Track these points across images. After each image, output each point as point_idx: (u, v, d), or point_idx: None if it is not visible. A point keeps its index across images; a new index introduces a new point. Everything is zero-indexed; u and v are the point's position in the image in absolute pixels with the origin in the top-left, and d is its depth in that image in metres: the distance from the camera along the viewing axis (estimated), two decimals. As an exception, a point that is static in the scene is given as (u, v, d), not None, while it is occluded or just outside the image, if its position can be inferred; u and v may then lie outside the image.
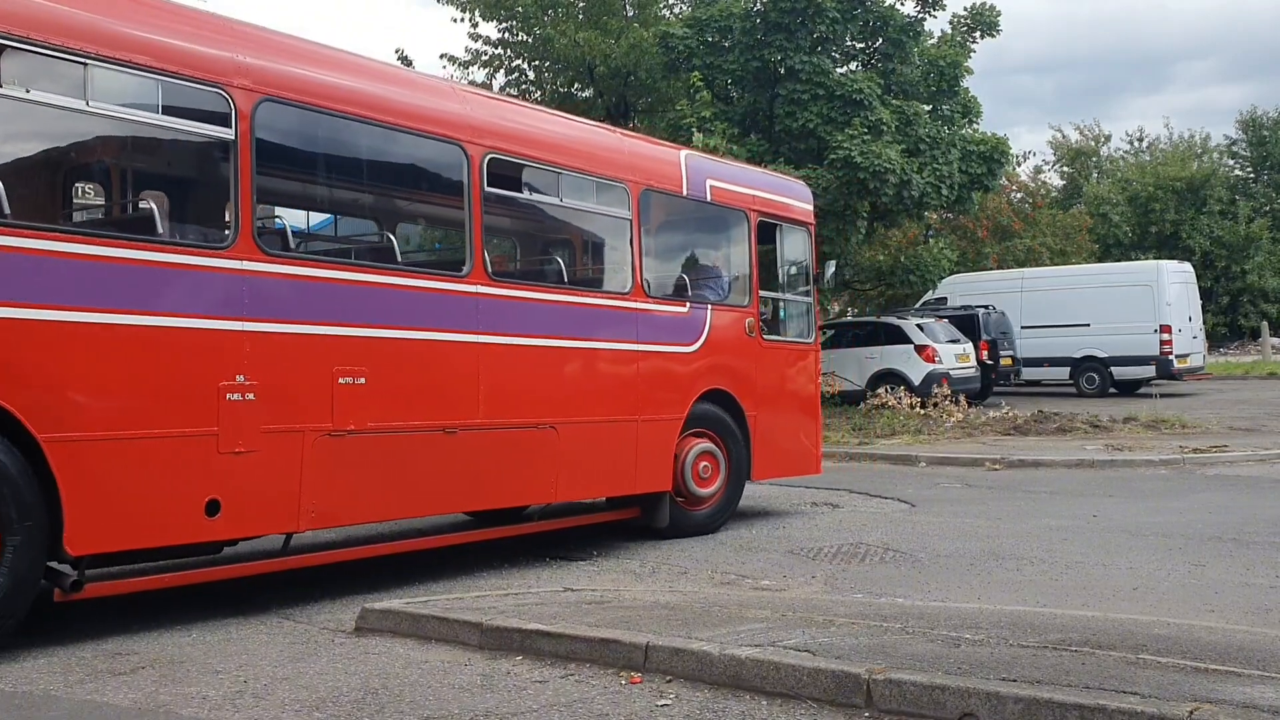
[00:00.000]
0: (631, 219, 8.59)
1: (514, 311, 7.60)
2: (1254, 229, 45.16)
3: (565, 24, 22.00)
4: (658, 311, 8.77)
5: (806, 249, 10.64)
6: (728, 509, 9.39)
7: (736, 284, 9.84)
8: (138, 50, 5.74)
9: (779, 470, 10.28)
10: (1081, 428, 16.95)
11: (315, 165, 7.40)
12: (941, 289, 25.35)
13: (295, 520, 6.30)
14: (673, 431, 8.81)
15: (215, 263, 5.98)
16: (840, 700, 4.21)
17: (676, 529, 8.93)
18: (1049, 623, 5.26)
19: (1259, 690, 3.92)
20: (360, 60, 7.11)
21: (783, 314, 10.80)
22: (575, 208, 8.63)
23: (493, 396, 7.37)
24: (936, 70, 20.74)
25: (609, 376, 8.33)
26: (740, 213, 9.77)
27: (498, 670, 4.92)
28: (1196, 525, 9.24)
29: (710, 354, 9.19)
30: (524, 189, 8.20)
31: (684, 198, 9.21)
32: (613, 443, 8.32)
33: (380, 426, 6.67)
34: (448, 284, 7.26)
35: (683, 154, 9.45)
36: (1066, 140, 55.17)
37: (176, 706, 4.48)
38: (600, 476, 8.32)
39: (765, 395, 9.76)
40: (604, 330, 8.32)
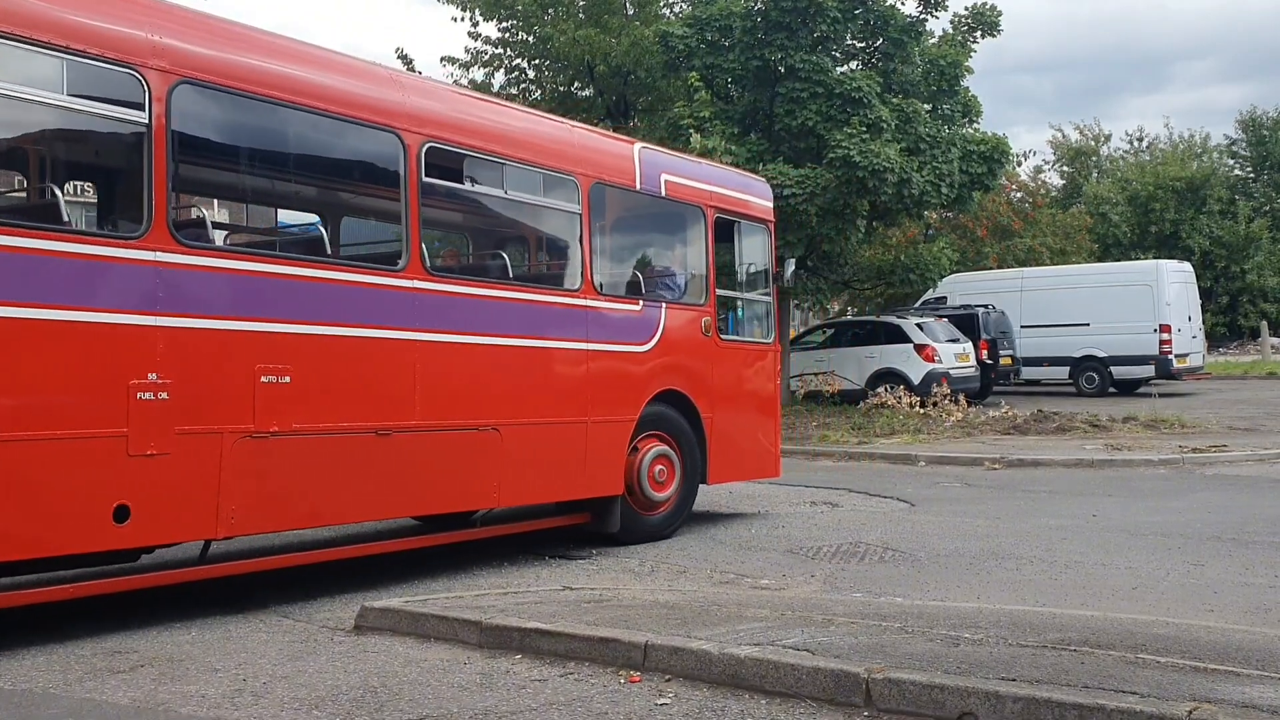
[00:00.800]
0: (581, 213, 8.31)
1: (454, 308, 7.30)
2: (1254, 229, 45.16)
3: (565, 23, 21.99)
4: (609, 309, 8.49)
5: (766, 247, 10.40)
6: (681, 513, 9.14)
7: (692, 282, 9.61)
8: (41, 27, 5.38)
9: (737, 473, 10.06)
10: (1081, 427, 16.95)
11: (238, 153, 7.08)
12: (941, 288, 25.35)
13: (213, 527, 5.97)
14: (624, 433, 8.54)
15: (126, 253, 5.65)
16: (839, 699, 4.21)
17: (629, 534, 8.64)
18: (1048, 622, 5.26)
19: (1258, 690, 3.92)
20: (289, 43, 6.76)
21: (741, 313, 10.64)
22: (521, 201, 8.34)
23: (430, 396, 7.07)
24: (937, 69, 20.73)
25: (557, 376, 8.04)
26: (697, 209, 9.51)
27: (497, 669, 4.92)
28: (1196, 525, 9.24)
29: (664, 354, 8.92)
30: (465, 180, 7.88)
31: (637, 192, 8.93)
32: (560, 445, 8.04)
33: (306, 428, 6.36)
34: (382, 278, 6.94)
35: (636, 147, 9.15)
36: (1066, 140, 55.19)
37: (175, 705, 4.48)
38: (547, 480, 8.02)
39: (722, 396, 9.50)
40: (551, 328, 8.01)
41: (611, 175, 8.64)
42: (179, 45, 5.93)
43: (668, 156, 9.70)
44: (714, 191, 9.70)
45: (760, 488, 12.33)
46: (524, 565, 7.87)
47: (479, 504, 7.80)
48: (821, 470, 14.17)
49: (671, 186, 9.20)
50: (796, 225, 18.85)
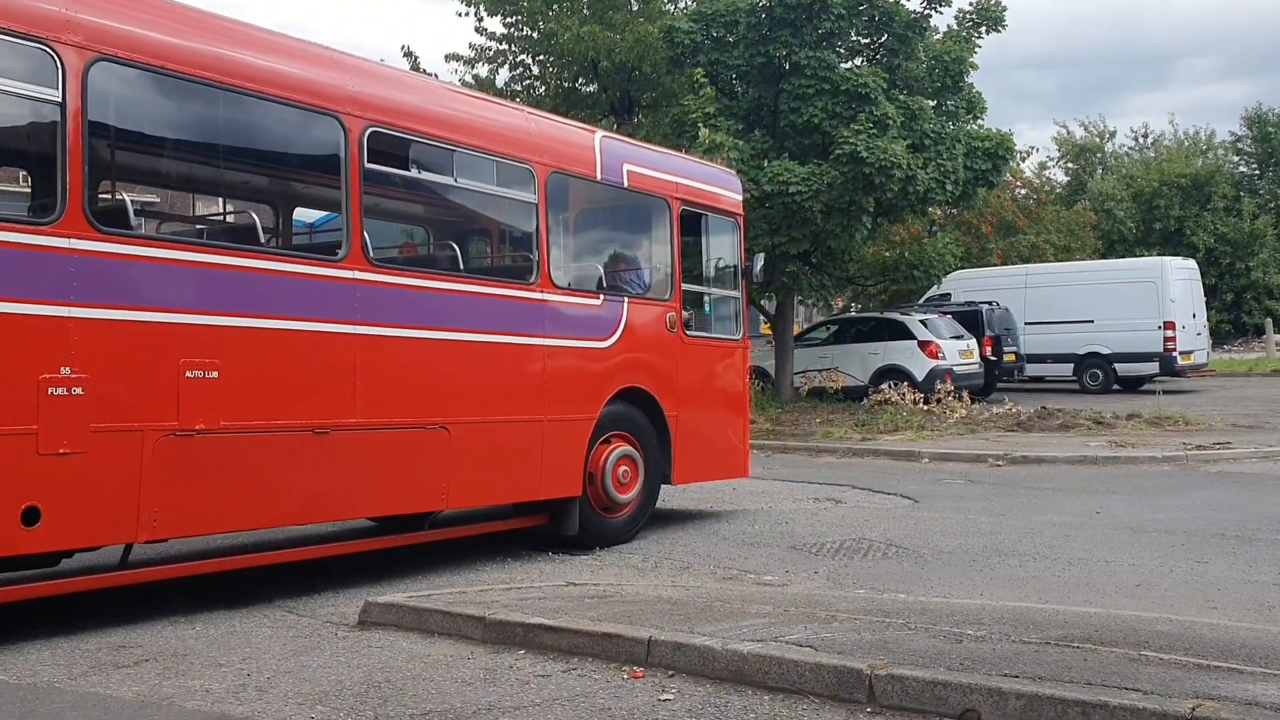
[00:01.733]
0: (537, 203, 7.98)
1: (399, 300, 6.96)
2: (1258, 225, 45.05)
3: (570, 19, 21.98)
4: (567, 304, 8.18)
5: (735, 241, 10.11)
6: (644, 514, 8.83)
7: (656, 276, 9.32)
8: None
9: (703, 473, 9.78)
10: (1085, 424, 16.93)
11: (164, 136, 6.62)
12: (945, 285, 25.31)
13: (134, 530, 5.65)
14: (583, 432, 8.23)
15: (36, 239, 5.32)
16: (842, 696, 4.22)
17: (591, 537, 8.33)
18: (1051, 619, 5.26)
19: (1261, 687, 3.92)
20: (220, 21, 6.37)
21: (708, 309, 10.26)
22: (473, 189, 7.98)
23: (372, 393, 6.74)
24: (941, 66, 20.69)
25: (511, 373, 7.71)
26: (661, 201, 9.18)
27: (500, 664, 4.93)
28: (1199, 522, 9.23)
29: (626, 350, 8.62)
30: (412, 167, 7.56)
31: (598, 183, 8.61)
32: (514, 445, 7.71)
33: (236, 426, 6.02)
34: (319, 269, 6.59)
35: (597, 136, 8.85)
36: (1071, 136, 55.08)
37: (180, 699, 4.49)
38: (500, 481, 7.69)
39: (688, 394, 9.21)
40: (505, 322, 7.69)
41: (571, 165, 8.33)
42: (96, 20, 5.61)
43: (631, 146, 9.43)
44: (679, 183, 9.38)
45: (764, 484, 12.33)
46: (527, 561, 7.88)
47: (426, 506, 7.43)
48: (825, 467, 14.18)
49: (635, 177, 8.90)
50: (801, 222, 18.84)
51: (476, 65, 23.80)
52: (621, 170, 8.78)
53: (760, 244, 19.00)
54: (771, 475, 13.22)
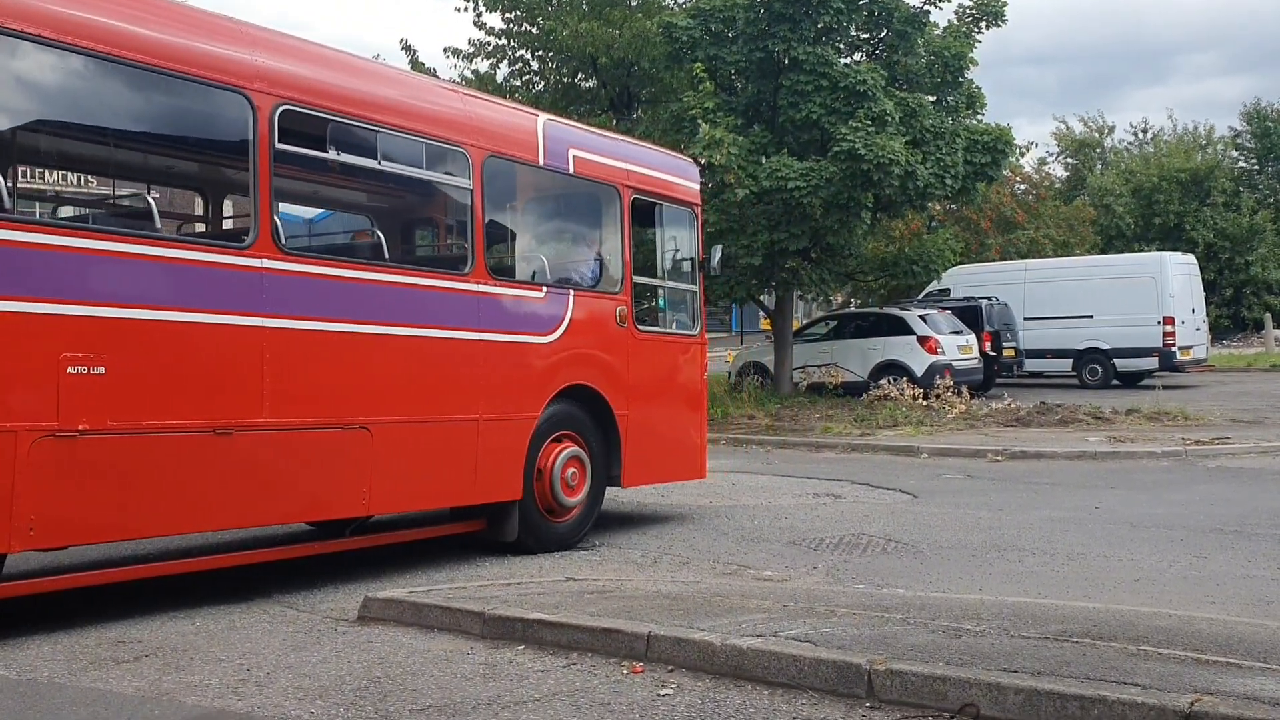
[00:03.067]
0: (472, 189, 7.51)
1: (313, 291, 6.52)
2: (1258, 221, 44.98)
3: (569, 15, 21.95)
4: (506, 295, 7.74)
5: (691, 232, 9.71)
6: (590, 518, 8.41)
7: (605, 268, 8.88)
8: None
9: (656, 475, 9.45)
10: (1084, 419, 16.93)
11: (50, 112, 6.10)
12: (944, 280, 25.30)
13: (6, 539, 5.21)
14: (523, 433, 7.79)
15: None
16: (841, 691, 4.23)
17: (535, 542, 7.94)
18: (1050, 614, 5.26)
19: (1260, 682, 3.92)
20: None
21: (662, 303, 9.92)
22: (399, 173, 7.46)
23: (283, 391, 6.29)
24: (941, 61, 20.67)
25: (441, 369, 7.28)
26: (611, 188, 8.73)
27: (500, 659, 4.93)
28: (1198, 517, 9.24)
29: (571, 345, 8.19)
30: (330, 148, 6.96)
31: (540, 168, 8.17)
32: (445, 446, 7.29)
33: (125, 426, 5.57)
34: (222, 256, 6.16)
35: (541, 119, 8.41)
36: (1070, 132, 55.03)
37: (180, 694, 4.50)
38: (429, 485, 7.25)
39: (639, 392, 8.78)
40: (435, 315, 7.25)
41: (510, 148, 7.89)
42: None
43: (577, 131, 9.00)
44: (631, 170, 8.92)
45: (763, 479, 12.35)
46: (527, 557, 7.88)
47: (344, 512, 6.92)
48: (824, 462, 14.18)
49: (581, 163, 8.46)
50: (801, 218, 18.84)
51: (475, 60, 23.78)
52: (567, 155, 8.36)
53: (760, 239, 19.04)
54: (771, 470, 13.23)
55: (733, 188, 18.01)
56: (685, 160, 10.27)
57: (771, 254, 19.55)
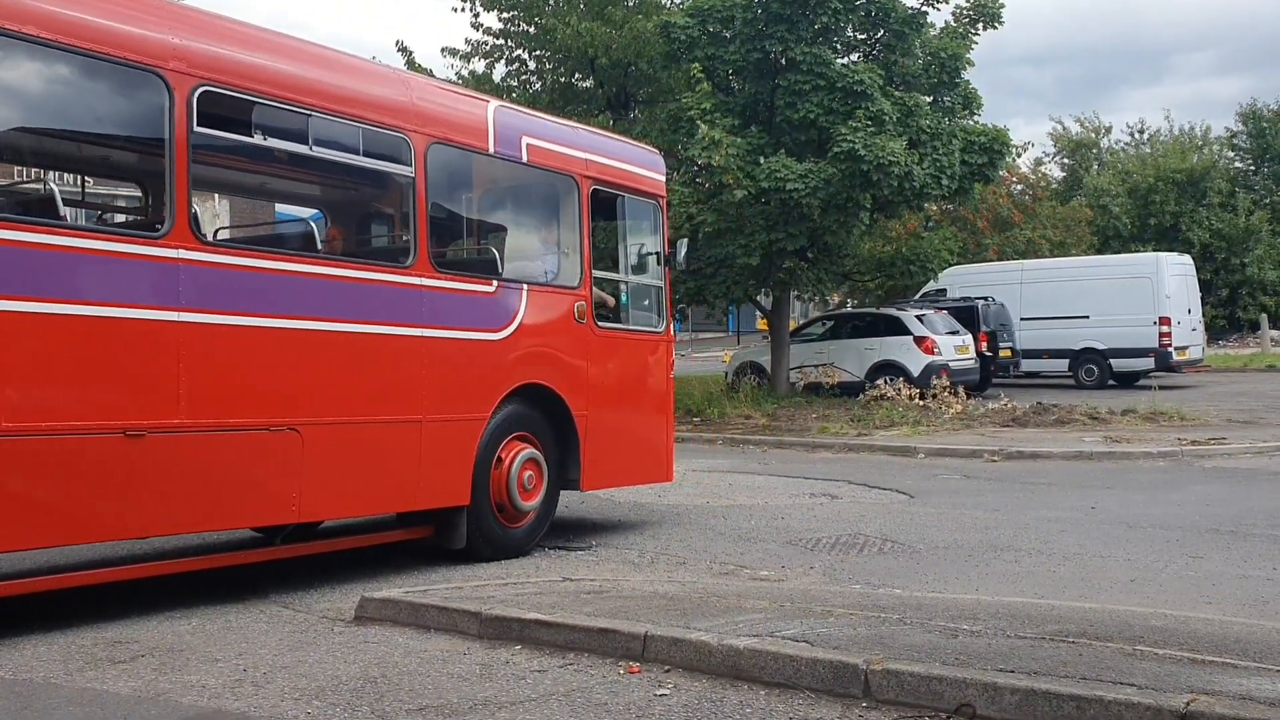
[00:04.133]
0: (415, 177, 7.12)
1: (237, 284, 6.13)
2: (1254, 221, 45.06)
3: (567, 14, 21.95)
4: (453, 290, 7.35)
5: (656, 225, 9.26)
6: (545, 523, 8.09)
7: (562, 262, 8.47)
8: None
9: (619, 478, 9.07)
10: (1080, 420, 16.95)
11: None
12: (941, 280, 25.33)
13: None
14: (472, 434, 7.41)
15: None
16: (838, 690, 4.23)
17: (489, 549, 7.59)
18: (1046, 614, 5.27)
19: (1256, 682, 3.93)
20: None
21: (624, 299, 9.39)
22: (333, 160, 7.00)
23: (201, 390, 5.91)
24: (938, 62, 20.69)
25: (379, 367, 6.88)
26: (568, 179, 8.33)
27: (497, 659, 4.93)
28: (1194, 517, 9.25)
29: (525, 342, 7.81)
30: (255, 133, 6.53)
31: (491, 156, 7.79)
32: (384, 448, 6.88)
33: (20, 428, 5.21)
34: (133, 246, 5.78)
35: (492, 105, 8.01)
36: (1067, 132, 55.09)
37: (176, 694, 4.49)
38: (366, 490, 6.85)
39: (600, 392, 8.41)
40: (374, 311, 6.84)
41: (456, 135, 7.50)
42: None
43: (532, 118, 8.55)
44: (590, 160, 8.51)
45: (760, 479, 12.35)
46: (523, 556, 7.88)
47: (271, 518, 6.58)
48: (821, 462, 14.19)
49: (535, 151, 8.05)
50: (798, 218, 18.84)
51: (472, 60, 23.77)
52: (519, 143, 7.96)
53: (757, 239, 19.05)
54: (767, 470, 13.24)
55: (731, 188, 18.02)
56: (650, 151, 9.85)
57: (769, 254, 19.56)
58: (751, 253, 19.03)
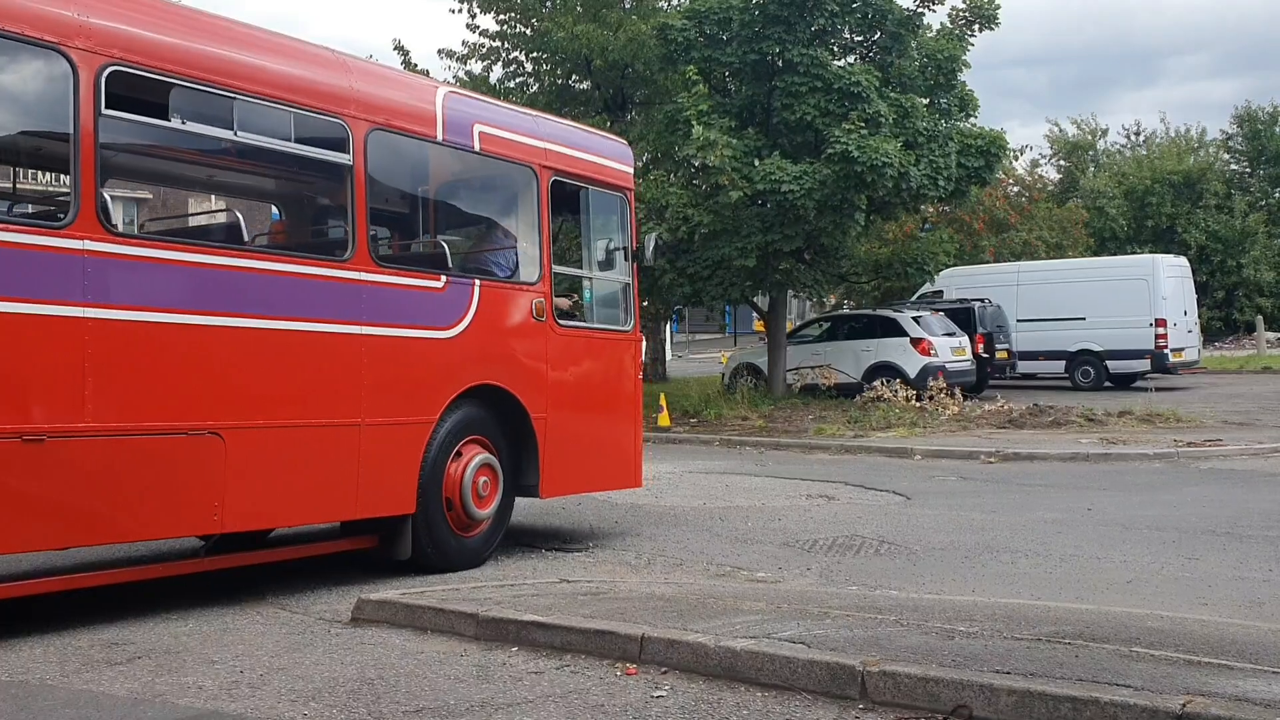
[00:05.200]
0: (353, 165, 6.69)
1: (151, 278, 5.75)
2: (1250, 223, 45.15)
3: (564, 16, 21.95)
4: (396, 285, 6.94)
5: (623, 219, 8.80)
6: (499, 531, 7.71)
7: (520, 257, 8.06)
8: None
9: (582, 484, 8.67)
10: (1076, 421, 16.97)
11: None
12: (938, 282, 25.37)
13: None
14: (418, 439, 7.00)
15: None
16: (835, 692, 4.23)
17: (441, 560, 7.18)
18: (1043, 615, 5.28)
19: (1252, 683, 3.94)
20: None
21: (588, 296, 9.05)
22: (261, 146, 6.58)
23: (110, 392, 5.52)
24: (934, 64, 20.71)
25: (313, 367, 6.46)
26: (526, 169, 7.91)
27: (493, 661, 4.93)
28: (1190, 519, 9.26)
29: (477, 341, 7.39)
30: (173, 116, 6.02)
31: (440, 144, 7.38)
32: (318, 454, 6.46)
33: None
34: (32, 236, 5.36)
35: (441, 91, 7.63)
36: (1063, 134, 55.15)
37: (173, 696, 4.49)
38: (297, 498, 6.43)
39: (561, 393, 8.02)
40: (305, 306, 6.42)
41: (402, 122, 7.09)
42: None
43: (486, 105, 8.18)
44: (550, 150, 8.08)
45: (756, 481, 12.35)
46: (520, 558, 7.88)
47: (189, 529, 6.20)
48: (817, 463, 14.20)
49: (489, 140, 7.63)
50: (795, 219, 18.86)
51: (469, 62, 23.77)
52: (471, 131, 7.52)
53: (754, 241, 19.06)
54: (764, 472, 13.25)
55: (727, 189, 18.04)
56: (617, 142, 9.37)
57: (765, 255, 19.58)
58: (748, 254, 19.05)
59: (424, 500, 7.03)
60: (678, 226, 18.94)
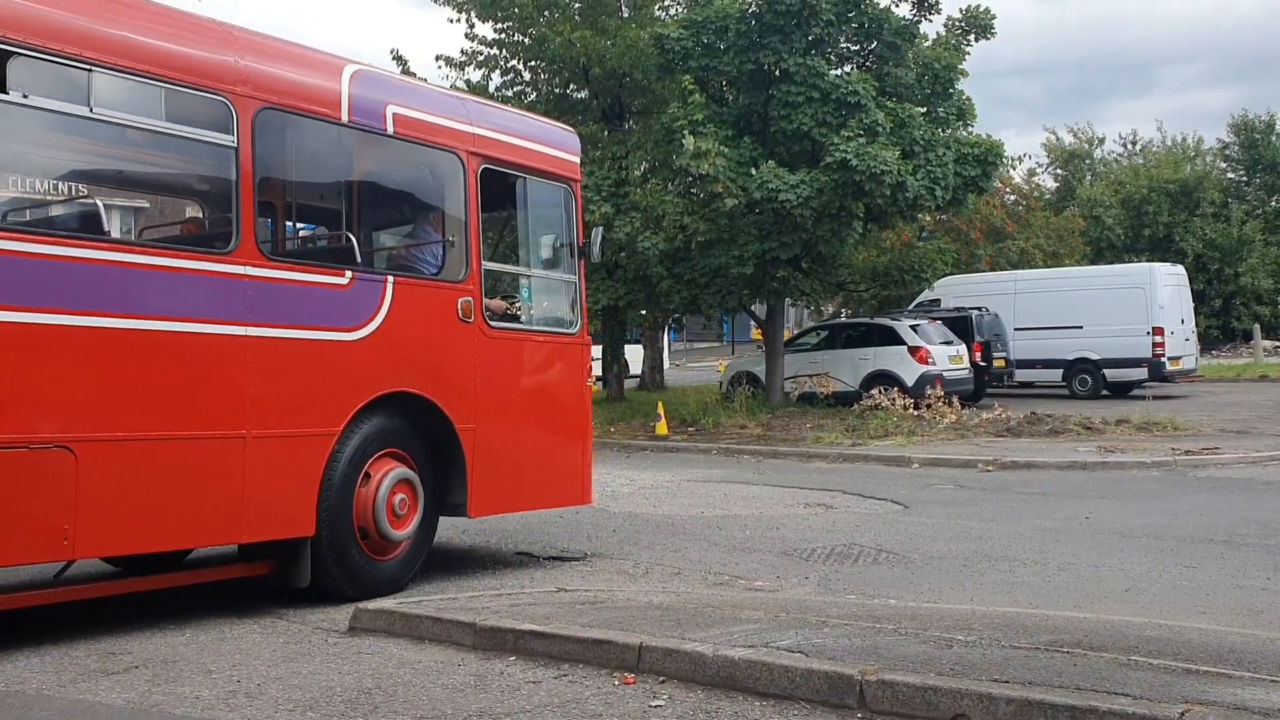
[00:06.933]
0: (238, 147, 6.06)
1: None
2: (1247, 231, 45.26)
3: (561, 25, 21.99)
4: (289, 281, 6.31)
5: (568, 212, 8.17)
6: (421, 553, 7.04)
7: (443, 252, 7.43)
8: None
9: (519, 502, 7.93)
10: (1074, 429, 16.97)
11: None
12: (935, 291, 25.40)
13: None
14: (318, 452, 6.34)
15: None
16: (833, 701, 4.23)
17: (355, 586, 6.49)
18: (1041, 624, 5.27)
19: (1250, 692, 3.94)
20: None
21: (526, 295, 8.35)
22: (125, 125, 5.91)
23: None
24: (931, 73, 20.76)
25: (188, 372, 5.79)
26: (450, 155, 7.29)
27: (491, 670, 4.92)
28: (1188, 527, 9.27)
29: (390, 344, 6.74)
30: (13, 91, 5.35)
31: (345, 126, 6.75)
32: (193, 470, 5.79)
33: None
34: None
35: (349, 69, 6.86)
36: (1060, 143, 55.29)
37: (170, 706, 4.48)
38: (168, 520, 5.74)
39: (492, 402, 7.35)
40: (177, 304, 5.75)
41: (298, 100, 6.45)
42: None
43: (403, 85, 7.54)
44: (479, 135, 7.45)
45: (755, 489, 12.35)
46: (518, 567, 7.87)
47: (31, 556, 5.45)
48: (815, 472, 14.19)
49: (405, 122, 7.00)
50: (792, 228, 18.88)
51: (467, 69, 23.80)
52: (383, 113, 6.90)
53: (751, 249, 19.08)
54: (762, 480, 13.24)
55: (722, 198, 18.06)
56: (562, 129, 8.65)
57: (763, 264, 19.60)
58: (745, 262, 19.07)
59: (328, 521, 6.38)
60: (675, 235, 18.94)
